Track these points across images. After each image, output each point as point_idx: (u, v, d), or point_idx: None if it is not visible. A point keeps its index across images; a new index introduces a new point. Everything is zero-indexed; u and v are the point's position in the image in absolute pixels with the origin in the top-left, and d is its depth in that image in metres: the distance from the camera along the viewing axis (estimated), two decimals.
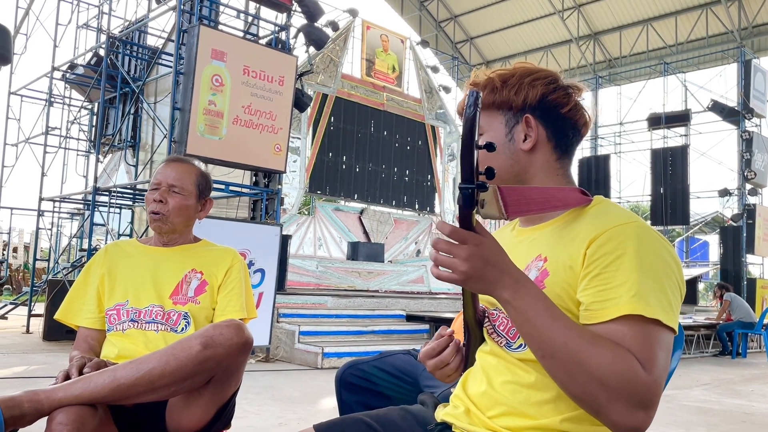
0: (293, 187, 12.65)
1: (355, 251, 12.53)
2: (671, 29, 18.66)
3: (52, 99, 10.55)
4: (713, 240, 18.57)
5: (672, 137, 16.90)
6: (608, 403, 0.94)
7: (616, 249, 1.03)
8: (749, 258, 15.28)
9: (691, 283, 15.16)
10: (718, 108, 15.18)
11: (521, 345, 1.13)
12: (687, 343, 9.78)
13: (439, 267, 0.97)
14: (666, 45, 18.85)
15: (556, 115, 1.20)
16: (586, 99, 1.26)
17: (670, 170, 15.66)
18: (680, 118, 16.34)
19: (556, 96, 1.20)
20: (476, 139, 0.89)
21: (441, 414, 1.25)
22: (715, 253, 17.98)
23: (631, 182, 28.63)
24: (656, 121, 16.41)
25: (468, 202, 0.92)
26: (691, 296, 15.02)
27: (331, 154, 13.44)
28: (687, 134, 16.69)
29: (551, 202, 1.12)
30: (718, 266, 15.88)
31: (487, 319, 1.23)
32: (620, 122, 19.57)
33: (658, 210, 15.90)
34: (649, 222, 16.76)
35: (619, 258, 1.02)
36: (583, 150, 19.68)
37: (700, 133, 17.34)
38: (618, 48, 19.98)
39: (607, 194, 16.48)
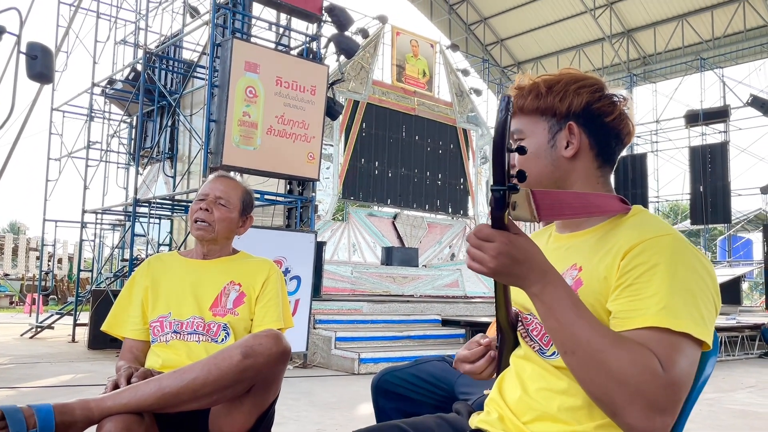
0: (327, 193, 12.76)
1: (389, 256, 12.57)
2: (707, 24, 18.26)
3: (93, 114, 10.86)
4: (757, 238, 18.05)
5: (711, 134, 16.54)
6: (625, 404, 0.95)
7: (649, 260, 1.03)
8: None
9: (735, 283, 14.79)
10: (758, 103, 14.80)
11: (555, 352, 1.14)
12: (731, 345, 9.54)
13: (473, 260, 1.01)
14: (702, 40, 18.45)
15: (600, 123, 1.21)
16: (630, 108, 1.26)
17: (709, 168, 15.33)
18: (719, 115, 15.99)
19: (601, 104, 1.20)
20: (507, 141, 0.91)
21: (475, 421, 1.27)
22: (759, 251, 17.47)
23: (670, 181, 28.04)
24: (694, 118, 16.09)
25: (499, 203, 0.94)
26: (734, 296, 14.65)
27: (363, 160, 13.52)
28: (726, 131, 16.32)
29: (588, 209, 1.13)
30: (762, 265, 15.43)
31: (520, 323, 1.24)
32: (656, 120, 19.22)
33: (698, 208, 15.57)
34: (688, 221, 16.47)
35: (651, 269, 1.03)
36: None
37: (740, 129, 16.93)
38: (652, 45, 19.63)
39: (644, 193, 16.21)
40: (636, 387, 0.94)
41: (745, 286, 19.87)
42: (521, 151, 0.97)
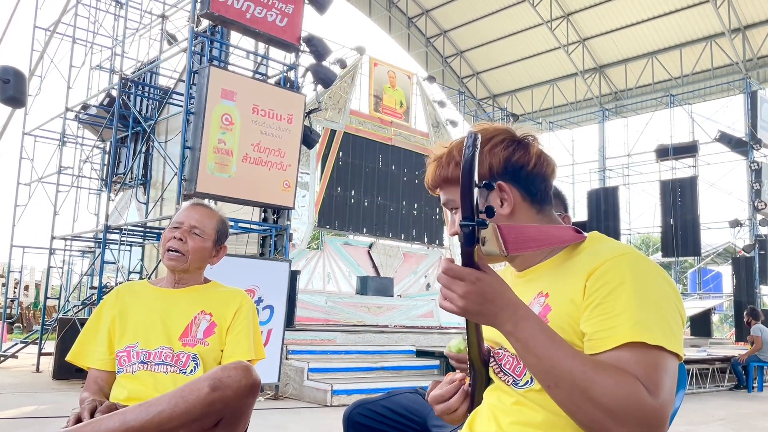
0: (302, 221, 12.71)
1: (364, 286, 12.50)
2: (676, 62, 18.82)
3: (65, 139, 10.72)
4: (726, 271, 18.38)
5: (680, 168, 16.92)
6: (616, 428, 0.95)
7: (613, 279, 1.06)
8: (763, 289, 15.11)
9: (705, 315, 14.98)
10: (725, 139, 15.21)
11: (528, 381, 1.14)
12: (701, 377, 9.61)
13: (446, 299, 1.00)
14: (671, 77, 18.99)
15: (525, 174, 1.22)
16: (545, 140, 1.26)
17: (679, 201, 15.62)
18: (688, 150, 16.37)
19: (517, 157, 1.21)
20: (475, 178, 0.92)
21: None
22: (728, 284, 17.79)
23: (641, 213, 28.43)
24: (664, 153, 16.45)
25: (469, 239, 0.94)
26: (705, 329, 14.83)
27: (339, 189, 13.53)
28: (695, 165, 16.70)
29: (548, 240, 1.15)
30: (732, 297, 15.70)
31: (492, 359, 1.24)
32: (628, 154, 19.61)
33: (668, 241, 15.81)
34: (660, 254, 16.70)
35: (617, 288, 1.05)
36: (591, 182, 19.72)
37: (708, 164, 17.35)
38: (624, 80, 20.15)
39: (616, 226, 16.45)
40: (624, 412, 0.94)
41: (715, 318, 20.14)
42: (489, 186, 0.97)
